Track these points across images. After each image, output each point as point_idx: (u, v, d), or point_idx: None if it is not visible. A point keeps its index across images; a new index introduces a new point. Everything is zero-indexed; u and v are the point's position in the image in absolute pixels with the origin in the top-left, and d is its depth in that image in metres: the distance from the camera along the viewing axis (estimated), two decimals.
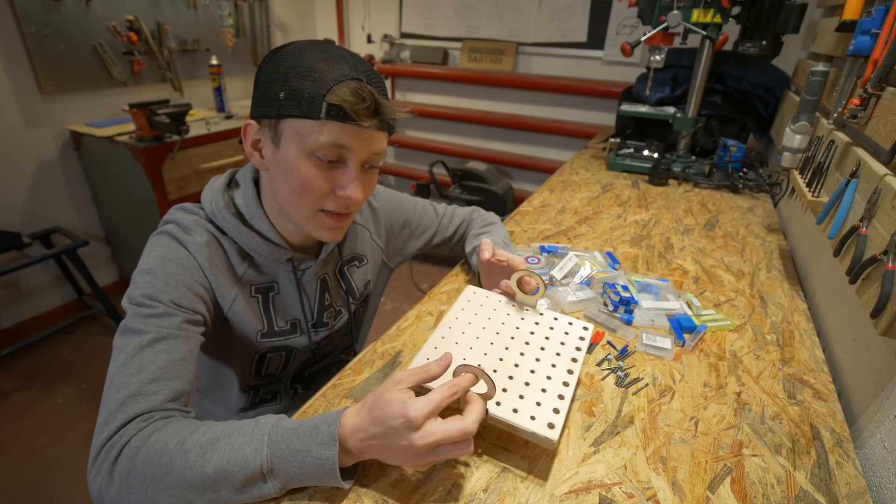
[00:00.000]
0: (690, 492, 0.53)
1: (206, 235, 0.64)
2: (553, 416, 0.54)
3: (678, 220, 1.25)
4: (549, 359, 0.62)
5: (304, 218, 0.63)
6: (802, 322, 0.85)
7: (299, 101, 0.55)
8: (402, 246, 0.92)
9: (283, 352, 0.75)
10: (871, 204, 0.70)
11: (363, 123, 0.56)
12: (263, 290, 0.70)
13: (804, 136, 1.07)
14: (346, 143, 0.57)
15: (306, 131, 0.56)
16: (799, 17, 1.38)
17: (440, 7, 2.83)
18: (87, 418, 1.72)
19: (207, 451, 0.46)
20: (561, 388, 0.58)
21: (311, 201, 0.61)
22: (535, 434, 0.52)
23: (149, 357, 0.53)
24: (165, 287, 0.57)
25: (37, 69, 1.92)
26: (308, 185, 0.59)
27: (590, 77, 2.56)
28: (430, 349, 0.63)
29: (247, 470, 0.46)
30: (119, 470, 0.47)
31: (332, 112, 0.55)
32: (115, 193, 2.15)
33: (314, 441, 0.47)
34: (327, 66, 0.56)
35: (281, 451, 0.47)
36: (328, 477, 0.47)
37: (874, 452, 0.61)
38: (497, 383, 0.56)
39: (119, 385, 0.51)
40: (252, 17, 2.78)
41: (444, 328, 0.67)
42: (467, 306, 0.71)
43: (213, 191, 0.66)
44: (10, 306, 2.07)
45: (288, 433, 0.48)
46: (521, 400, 0.56)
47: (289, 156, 0.58)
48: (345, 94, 0.54)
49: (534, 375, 0.60)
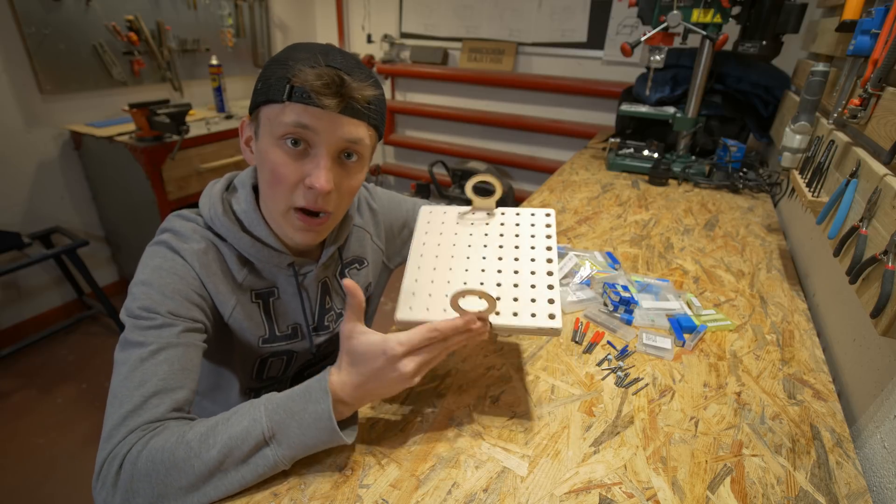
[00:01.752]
0: (690, 492, 0.53)
1: (204, 243, 0.63)
2: (550, 306, 0.56)
3: (678, 220, 1.25)
4: (527, 254, 0.64)
5: (279, 215, 0.62)
6: (802, 322, 0.85)
7: (269, 87, 0.57)
8: (402, 247, 0.92)
9: (285, 356, 0.75)
10: (871, 204, 0.70)
11: (324, 103, 0.55)
12: (264, 295, 0.69)
13: (804, 136, 1.07)
14: (307, 122, 0.56)
15: (274, 115, 0.57)
16: (799, 17, 1.38)
17: (440, 7, 2.83)
18: (87, 418, 1.72)
19: (209, 437, 0.48)
20: (547, 278, 0.60)
21: (282, 193, 0.59)
22: (541, 328, 0.54)
23: (150, 369, 0.53)
24: (163, 298, 0.57)
25: (37, 69, 1.92)
26: (277, 174, 0.58)
27: (590, 77, 2.56)
28: (410, 281, 0.62)
29: (249, 439, 0.48)
30: (122, 478, 0.47)
31: (295, 93, 0.55)
32: (115, 193, 2.15)
33: (308, 399, 0.50)
34: (304, 55, 0.56)
35: (279, 416, 0.49)
36: (327, 431, 0.49)
37: (874, 452, 0.61)
38: None
39: (122, 399, 0.51)
40: (252, 17, 2.77)
41: (416, 258, 0.65)
42: (429, 228, 0.70)
43: (211, 197, 0.66)
44: (10, 306, 2.07)
45: (282, 398, 0.51)
46: (516, 303, 0.57)
47: (262, 145, 0.59)
48: (308, 76, 0.54)
49: (518, 276, 0.61)
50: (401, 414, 0.62)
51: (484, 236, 0.67)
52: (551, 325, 0.54)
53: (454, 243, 0.67)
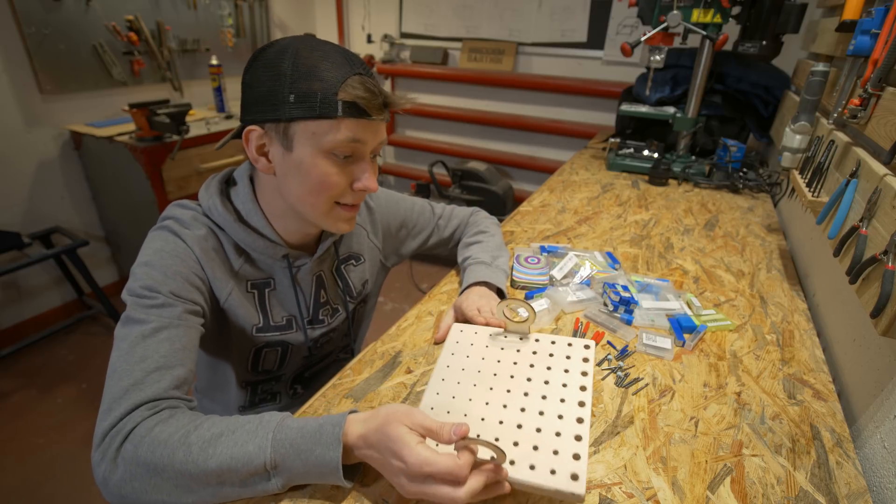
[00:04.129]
0: (690, 492, 0.53)
1: (204, 230, 0.64)
2: (575, 463, 0.48)
3: (678, 220, 1.25)
4: (556, 392, 0.57)
5: (322, 214, 0.65)
6: (802, 322, 0.85)
7: (312, 103, 0.56)
8: (399, 246, 0.92)
9: (280, 347, 0.75)
10: (871, 204, 0.70)
11: (376, 117, 0.59)
12: (260, 285, 0.70)
13: (804, 136, 1.07)
14: (362, 137, 0.59)
15: (322, 131, 0.58)
16: (799, 17, 1.38)
17: (440, 7, 2.83)
18: (87, 418, 1.72)
19: (210, 447, 0.47)
20: (576, 426, 0.53)
21: (329, 198, 0.63)
22: (560, 490, 0.47)
23: (151, 346, 0.53)
24: (164, 279, 0.58)
25: (37, 69, 1.92)
26: (327, 184, 0.61)
27: (590, 77, 2.56)
28: (432, 395, 0.58)
29: (250, 466, 0.46)
30: (123, 456, 0.47)
31: (348, 109, 0.57)
32: (115, 193, 2.15)
33: (318, 441, 0.47)
34: (328, 64, 0.57)
35: (284, 449, 0.47)
36: (331, 476, 0.48)
37: (874, 452, 0.61)
38: (505, 439, 0.52)
39: (122, 373, 0.51)
40: (252, 17, 2.78)
41: (440, 375, 0.62)
42: (457, 348, 0.66)
43: (209, 188, 0.67)
44: (10, 306, 2.07)
45: (292, 432, 0.48)
46: (535, 452, 0.50)
47: (304, 157, 0.59)
48: (357, 91, 0.57)
49: (543, 418, 0.54)
50: None
51: (513, 364, 0.62)
52: (572, 488, 0.46)
53: (479, 369, 0.62)
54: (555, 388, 0.58)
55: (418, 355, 0.73)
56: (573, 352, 0.62)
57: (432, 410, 0.56)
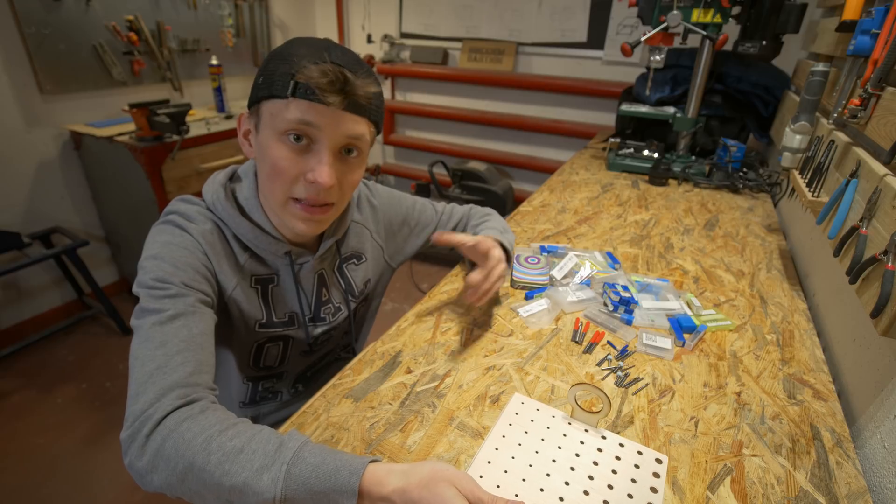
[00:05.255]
0: (690, 492, 0.53)
1: (209, 224, 0.65)
2: None
3: (678, 220, 1.25)
4: (621, 502, 0.52)
5: (278, 206, 0.63)
6: (802, 322, 0.85)
7: (271, 82, 0.57)
8: (403, 244, 0.92)
9: (281, 342, 0.76)
10: (871, 204, 0.70)
11: (328, 100, 0.56)
12: (263, 281, 0.71)
13: (804, 136, 1.07)
14: (311, 120, 0.57)
15: (277, 110, 0.57)
16: (799, 17, 1.38)
17: (440, 7, 2.83)
18: (87, 418, 1.72)
19: (228, 462, 0.45)
20: None
21: (282, 186, 0.60)
22: None
23: (170, 332, 0.53)
24: (175, 270, 0.58)
25: (37, 69, 1.91)
26: (277, 168, 0.59)
27: (590, 77, 2.56)
28: (482, 466, 0.55)
29: (260, 498, 0.45)
30: (151, 445, 0.47)
31: (300, 90, 0.56)
32: (115, 193, 2.15)
33: (332, 486, 0.44)
34: (306, 51, 0.57)
35: (297, 486, 0.45)
36: None
37: (874, 452, 0.61)
38: None
39: (144, 359, 0.51)
40: (252, 17, 2.77)
41: (493, 443, 0.58)
42: (516, 420, 0.61)
43: (214, 184, 0.67)
44: (10, 306, 2.06)
45: (308, 469, 0.45)
46: None
47: (263, 138, 0.60)
48: (312, 73, 0.55)
49: None
50: (401, 414, 0.62)
51: (575, 456, 0.57)
52: None
53: (537, 449, 0.57)
54: (619, 497, 0.52)
55: (418, 355, 0.73)
56: (643, 461, 0.57)
57: (481, 479, 0.53)
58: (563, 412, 0.63)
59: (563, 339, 0.78)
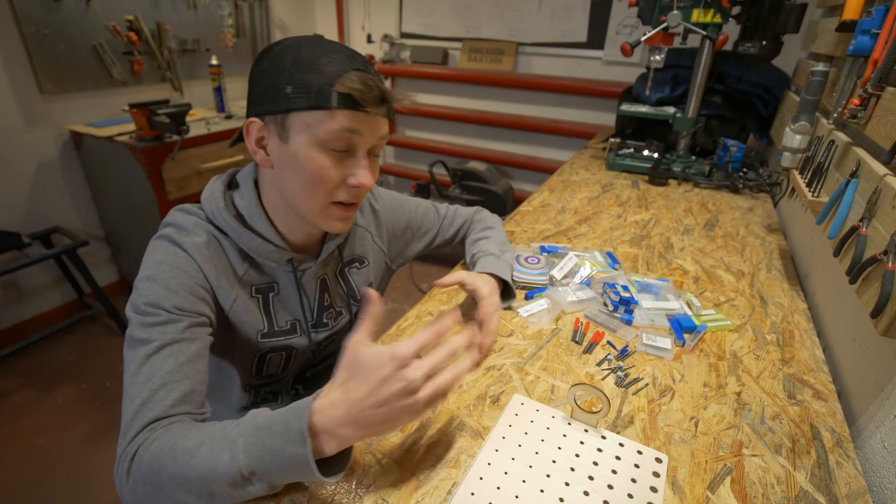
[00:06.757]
0: (690, 492, 0.53)
1: (206, 236, 0.64)
2: None
3: (678, 220, 1.25)
4: (621, 502, 0.52)
5: (316, 211, 0.64)
6: (802, 322, 0.85)
7: (308, 93, 0.56)
8: (405, 248, 0.92)
9: (284, 351, 0.75)
10: (871, 204, 0.70)
11: (372, 110, 0.59)
12: (264, 290, 0.70)
13: (804, 136, 1.07)
14: (357, 128, 0.59)
15: (317, 121, 0.57)
16: (799, 17, 1.38)
17: (440, 7, 2.83)
18: (87, 418, 1.72)
19: (191, 457, 0.46)
20: None
21: (324, 193, 0.62)
22: None
23: (156, 364, 0.54)
24: (167, 293, 0.57)
25: (37, 69, 1.92)
26: (320, 177, 0.60)
27: (590, 77, 2.56)
28: (482, 467, 0.55)
29: (227, 476, 0.44)
30: (133, 477, 0.48)
31: (343, 100, 0.57)
32: (115, 193, 2.15)
33: (286, 439, 0.44)
34: (329, 58, 0.58)
35: (258, 452, 0.44)
36: (309, 474, 0.44)
37: (874, 452, 0.61)
38: None
39: (132, 395, 0.52)
40: (252, 17, 2.77)
41: (493, 444, 0.58)
42: (515, 421, 0.61)
43: (212, 192, 0.67)
44: (10, 306, 2.07)
45: (261, 433, 0.45)
46: None
47: (299, 149, 0.59)
48: (353, 83, 0.57)
49: None
50: None
51: (575, 456, 0.57)
52: None
53: (537, 450, 0.57)
54: (619, 497, 0.52)
55: None
56: (643, 461, 0.57)
57: (481, 480, 0.53)
58: (563, 412, 0.63)
59: (563, 339, 0.78)
